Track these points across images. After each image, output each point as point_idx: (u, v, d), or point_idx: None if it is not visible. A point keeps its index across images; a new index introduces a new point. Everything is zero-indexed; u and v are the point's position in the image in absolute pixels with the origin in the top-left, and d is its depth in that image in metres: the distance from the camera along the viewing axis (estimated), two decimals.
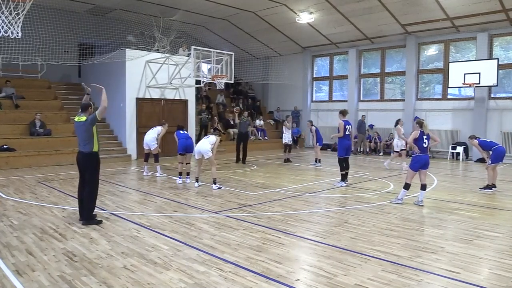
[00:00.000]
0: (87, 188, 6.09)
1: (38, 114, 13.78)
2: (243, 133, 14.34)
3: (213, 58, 13.65)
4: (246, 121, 14.71)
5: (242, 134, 14.32)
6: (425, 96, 17.79)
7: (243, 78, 22.02)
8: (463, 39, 16.55)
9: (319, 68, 21.87)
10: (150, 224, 6.13)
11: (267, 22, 19.10)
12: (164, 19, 15.80)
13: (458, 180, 11.44)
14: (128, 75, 14.85)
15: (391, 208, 7.37)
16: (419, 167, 7.54)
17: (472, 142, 9.47)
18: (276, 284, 3.96)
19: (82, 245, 5.07)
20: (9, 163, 12.15)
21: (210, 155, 9.07)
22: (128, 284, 3.93)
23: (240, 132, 14.38)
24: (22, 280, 3.98)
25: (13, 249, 4.89)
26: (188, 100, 16.83)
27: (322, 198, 8.39)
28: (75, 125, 6.19)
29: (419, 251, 4.98)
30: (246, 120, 14.76)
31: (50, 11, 12.87)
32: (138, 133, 15.05)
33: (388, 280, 4.08)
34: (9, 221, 6.18)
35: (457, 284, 4.02)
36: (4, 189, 8.88)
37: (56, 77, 17.55)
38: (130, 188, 9.37)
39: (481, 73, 14.87)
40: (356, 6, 16.09)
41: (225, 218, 6.53)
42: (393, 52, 18.74)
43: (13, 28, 7.65)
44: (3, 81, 15.02)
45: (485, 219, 6.67)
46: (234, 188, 9.19)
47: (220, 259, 4.64)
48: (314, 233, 5.72)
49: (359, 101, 19.68)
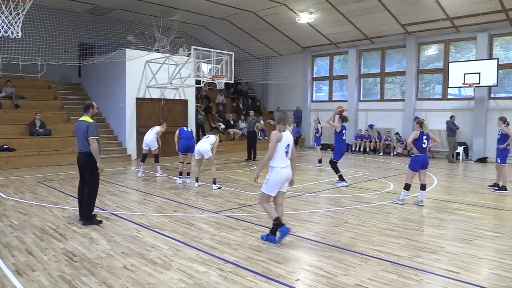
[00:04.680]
0: (87, 188, 6.09)
1: (38, 114, 13.79)
2: (250, 132, 15.25)
3: (213, 58, 13.65)
4: (253, 120, 15.47)
5: (249, 133, 15.30)
6: (425, 96, 17.79)
7: (243, 78, 22.03)
8: (463, 39, 16.55)
9: (319, 68, 21.87)
10: (150, 224, 6.13)
11: (267, 22, 19.10)
12: (164, 19, 15.79)
13: (458, 180, 11.43)
14: (128, 75, 14.86)
15: (391, 208, 7.37)
16: (418, 167, 7.53)
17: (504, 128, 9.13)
18: (276, 284, 3.96)
19: (82, 245, 5.07)
20: (9, 163, 12.15)
21: (210, 155, 9.07)
22: (128, 284, 3.93)
23: (248, 131, 15.52)
24: (22, 280, 3.98)
25: (13, 249, 4.90)
26: (188, 100, 16.84)
27: (322, 198, 8.39)
28: (76, 124, 6.18)
29: (419, 251, 4.98)
30: (253, 119, 15.61)
31: (50, 11, 12.86)
32: (138, 133, 15.06)
33: (388, 280, 4.08)
34: (9, 221, 6.18)
35: (457, 284, 4.02)
36: (4, 189, 8.88)
37: (56, 77, 17.57)
38: (130, 188, 9.37)
39: (481, 73, 14.87)
40: (356, 6, 16.09)
41: (225, 218, 6.53)
42: (393, 52, 18.74)
43: (13, 28, 7.65)
44: (3, 81, 15.03)
45: (485, 219, 6.67)
46: (234, 188, 9.19)
47: (220, 259, 4.64)
48: (314, 233, 5.72)
49: (359, 101, 19.67)
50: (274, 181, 5.12)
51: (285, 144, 5.11)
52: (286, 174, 5.15)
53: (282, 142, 5.08)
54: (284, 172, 5.12)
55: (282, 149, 5.09)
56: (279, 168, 5.10)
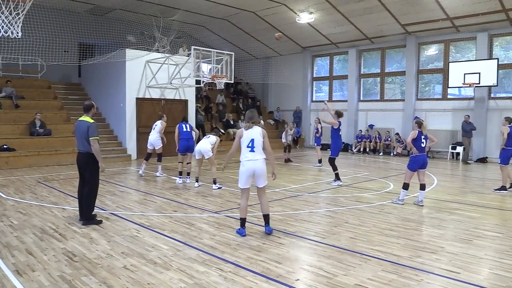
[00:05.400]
0: (87, 188, 6.09)
1: (38, 114, 13.79)
2: None
3: (213, 58, 13.66)
4: None
5: None
6: (425, 96, 17.79)
7: (243, 78, 22.03)
8: (463, 39, 16.55)
9: (319, 68, 21.87)
10: (150, 224, 6.13)
11: (267, 22, 19.10)
12: (164, 19, 15.79)
13: (458, 180, 11.43)
14: (128, 75, 14.86)
15: (391, 208, 7.37)
16: (417, 167, 7.55)
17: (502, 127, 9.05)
18: (276, 284, 3.96)
19: (82, 245, 5.07)
20: (9, 163, 12.15)
21: (210, 155, 9.07)
22: (128, 284, 3.93)
23: None
24: (22, 280, 3.98)
25: (13, 249, 4.90)
26: (188, 100, 16.84)
27: (322, 198, 8.39)
28: (76, 124, 6.18)
29: (419, 251, 4.98)
30: None
31: (50, 11, 12.86)
32: (138, 133, 15.07)
33: (388, 280, 4.08)
34: (9, 221, 6.18)
35: (457, 284, 4.02)
36: (4, 189, 8.88)
37: (56, 77, 17.58)
38: (130, 188, 9.37)
39: (481, 73, 14.87)
40: (356, 6, 16.09)
41: (225, 218, 6.53)
42: (393, 52, 18.74)
43: (13, 28, 7.65)
44: (3, 81, 15.03)
45: (485, 219, 6.67)
46: (234, 188, 9.17)
47: (220, 259, 4.64)
48: (314, 233, 5.72)
49: (359, 101, 19.67)
50: (240, 172, 5.60)
51: (247, 140, 5.55)
52: (250, 166, 5.52)
53: (244, 138, 5.57)
54: (249, 164, 5.52)
55: (244, 145, 5.57)
56: (243, 161, 5.59)
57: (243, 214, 5.63)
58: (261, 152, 5.58)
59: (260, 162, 5.54)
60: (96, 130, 5.98)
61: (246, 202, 5.66)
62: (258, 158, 5.53)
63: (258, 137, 5.55)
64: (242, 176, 5.57)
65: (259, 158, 5.53)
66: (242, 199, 5.65)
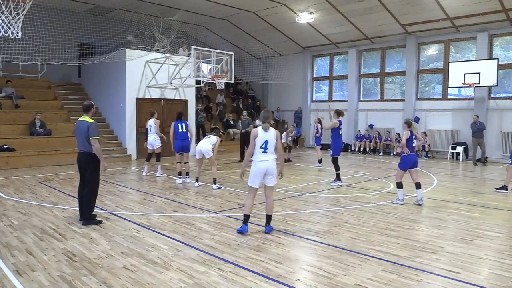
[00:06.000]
0: (87, 188, 6.09)
1: (38, 114, 13.80)
2: (243, 133, 14.62)
3: (213, 58, 13.66)
4: (246, 121, 15.03)
5: (243, 134, 14.65)
6: (425, 96, 17.79)
7: (243, 78, 22.03)
8: (463, 39, 16.55)
9: (319, 68, 21.87)
10: (150, 224, 6.13)
11: (267, 22, 19.10)
12: (164, 19, 15.80)
13: (458, 180, 11.43)
14: (128, 75, 14.86)
15: (391, 208, 7.37)
16: (408, 167, 7.66)
17: None
18: (276, 284, 3.96)
19: (82, 245, 5.07)
20: (9, 163, 12.15)
21: (211, 155, 9.07)
22: (128, 284, 3.93)
23: (241, 132, 14.85)
24: (22, 280, 3.98)
25: (13, 249, 4.90)
26: (188, 100, 16.83)
27: (322, 198, 8.40)
28: (76, 124, 6.18)
29: (419, 251, 4.98)
30: (246, 119, 15.13)
31: (50, 11, 12.87)
32: (138, 133, 15.06)
33: (388, 280, 4.08)
34: (9, 221, 6.18)
35: (457, 284, 4.02)
36: (4, 189, 8.88)
37: (56, 77, 17.57)
38: (130, 188, 9.37)
39: (481, 73, 14.87)
40: (356, 6, 16.09)
41: (225, 218, 6.53)
42: (393, 52, 18.74)
43: (13, 28, 7.65)
44: (3, 81, 15.03)
45: (485, 219, 6.67)
46: (234, 188, 9.18)
47: (220, 259, 4.64)
48: (314, 233, 5.72)
49: (359, 101, 19.67)
50: (252, 171, 5.66)
51: (261, 141, 5.60)
52: (263, 166, 5.58)
53: (258, 139, 5.61)
54: (261, 165, 5.58)
55: (258, 145, 5.61)
56: (255, 161, 5.64)
57: (248, 211, 5.68)
58: (273, 152, 5.67)
59: (272, 162, 5.64)
60: (96, 129, 5.98)
61: (252, 201, 5.73)
62: (270, 159, 5.64)
63: (272, 139, 5.65)
64: (253, 175, 5.65)
65: (271, 159, 5.64)
66: (249, 198, 5.71)
